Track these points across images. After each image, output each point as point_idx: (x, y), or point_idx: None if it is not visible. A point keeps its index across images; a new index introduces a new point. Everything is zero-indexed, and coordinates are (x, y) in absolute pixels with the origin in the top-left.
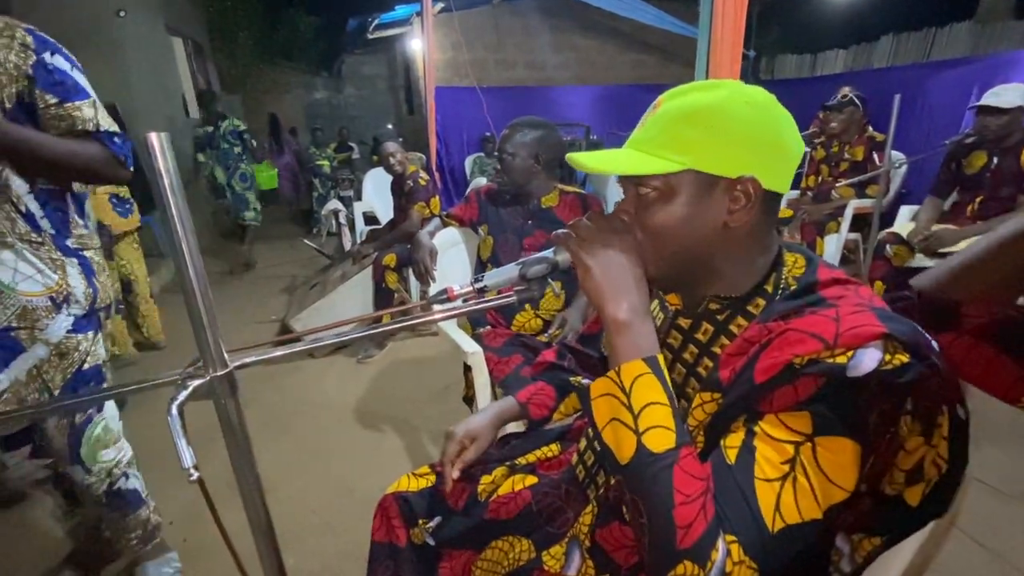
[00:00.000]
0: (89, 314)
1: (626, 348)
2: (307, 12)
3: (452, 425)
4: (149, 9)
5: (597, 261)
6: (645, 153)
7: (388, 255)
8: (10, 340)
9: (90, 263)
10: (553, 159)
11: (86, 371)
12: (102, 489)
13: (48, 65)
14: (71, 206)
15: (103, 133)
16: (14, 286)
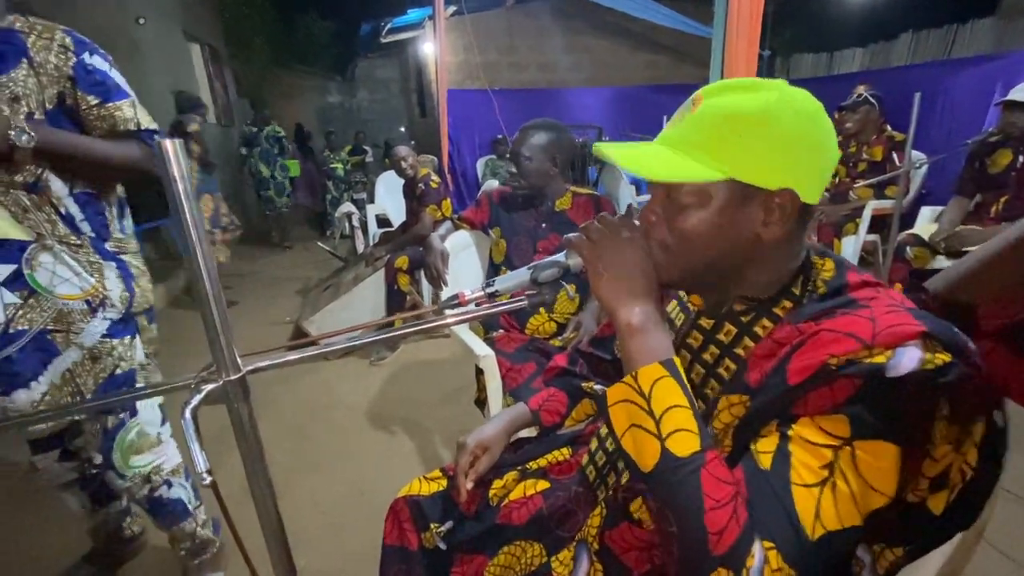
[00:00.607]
0: (126, 318)
1: (641, 352)
2: (321, 17)
3: (463, 433)
4: (167, 16)
5: (608, 265)
6: (681, 154)
7: (400, 258)
8: (46, 342)
9: (128, 267)
10: (567, 161)
11: (118, 376)
12: (142, 494)
13: (88, 66)
14: (111, 209)
15: (144, 132)
16: (52, 289)
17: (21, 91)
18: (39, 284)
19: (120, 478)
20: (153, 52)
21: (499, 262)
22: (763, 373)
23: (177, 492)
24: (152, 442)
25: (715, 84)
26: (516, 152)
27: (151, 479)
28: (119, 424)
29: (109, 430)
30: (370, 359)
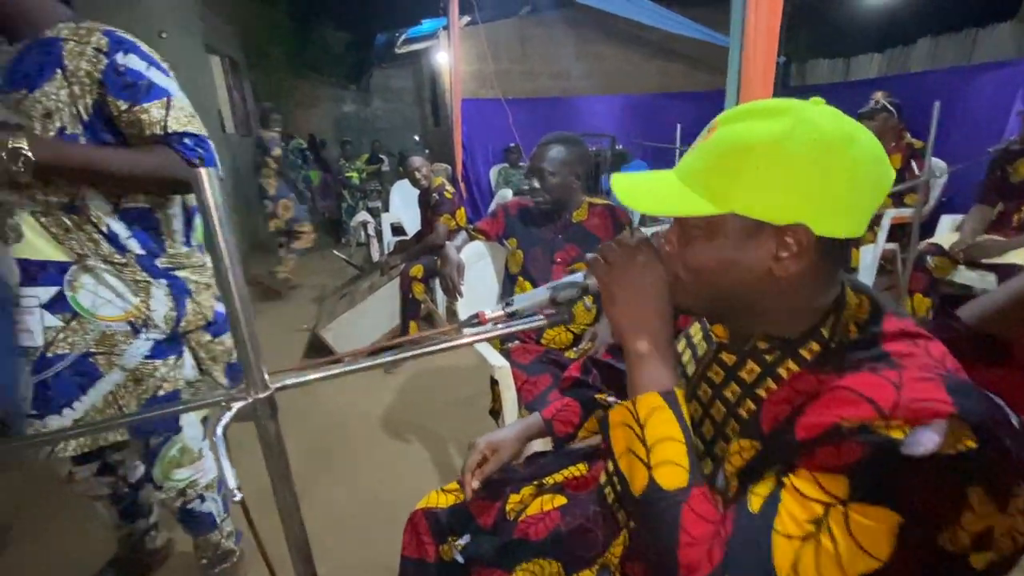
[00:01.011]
0: (171, 339)
1: (644, 380)
2: (337, 28)
3: (477, 437)
4: (189, 29)
5: (622, 289)
6: (689, 187)
7: (415, 267)
8: (88, 365)
9: (183, 283)
10: (588, 174)
11: (161, 398)
12: (176, 505)
13: (119, 67)
14: (171, 222)
15: (172, 135)
16: (94, 311)
17: (54, 105)
18: (81, 306)
19: (157, 489)
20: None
21: (515, 273)
22: (775, 420)
23: (208, 506)
24: (193, 457)
25: (734, 109)
26: (537, 168)
27: (186, 492)
28: (163, 441)
29: (152, 447)
30: (385, 366)
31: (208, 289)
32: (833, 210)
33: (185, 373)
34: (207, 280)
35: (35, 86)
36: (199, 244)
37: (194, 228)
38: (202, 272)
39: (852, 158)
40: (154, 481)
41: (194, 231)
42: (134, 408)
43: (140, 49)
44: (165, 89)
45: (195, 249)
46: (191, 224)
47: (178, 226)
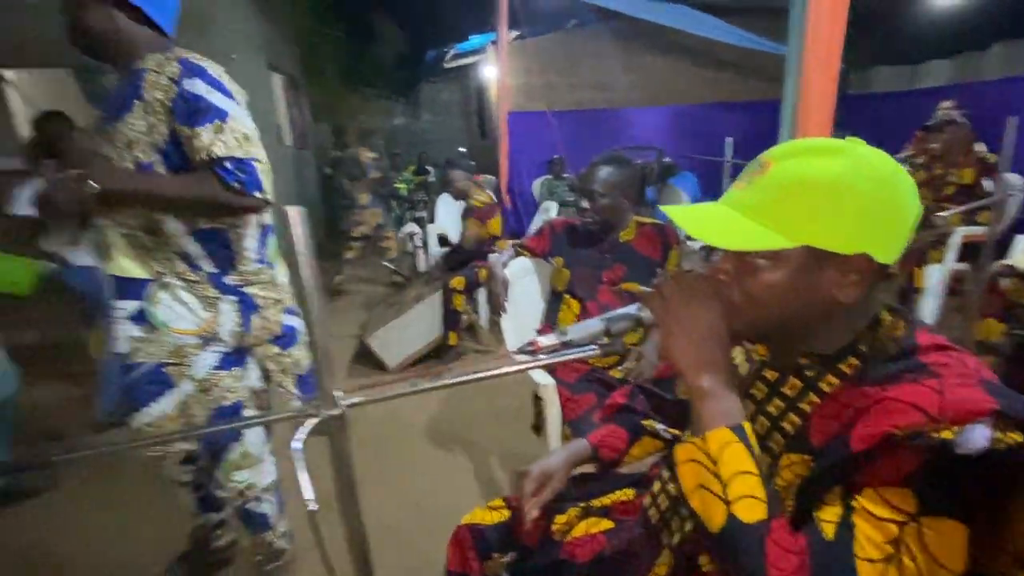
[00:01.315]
0: (236, 351)
1: (712, 415)
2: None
3: (518, 455)
4: (255, 51)
5: (681, 325)
6: (752, 220)
7: (456, 278)
8: (163, 375)
9: (251, 299)
10: (638, 194)
11: (226, 407)
12: (236, 504)
13: (185, 93)
14: (245, 240)
15: (215, 160)
16: (168, 324)
17: (134, 135)
18: (158, 320)
19: (219, 488)
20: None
21: (561, 290)
22: (826, 435)
23: (265, 507)
24: (254, 460)
25: (784, 146)
26: (587, 190)
27: (245, 493)
28: (227, 444)
29: (217, 450)
30: (428, 375)
31: (276, 304)
32: (889, 239)
33: (250, 383)
34: (275, 296)
35: (119, 116)
36: (270, 261)
37: (267, 245)
38: (270, 288)
39: (902, 191)
40: (218, 480)
41: (267, 248)
42: (202, 416)
43: (207, 73)
44: (222, 111)
45: (265, 266)
46: (265, 241)
47: (251, 244)
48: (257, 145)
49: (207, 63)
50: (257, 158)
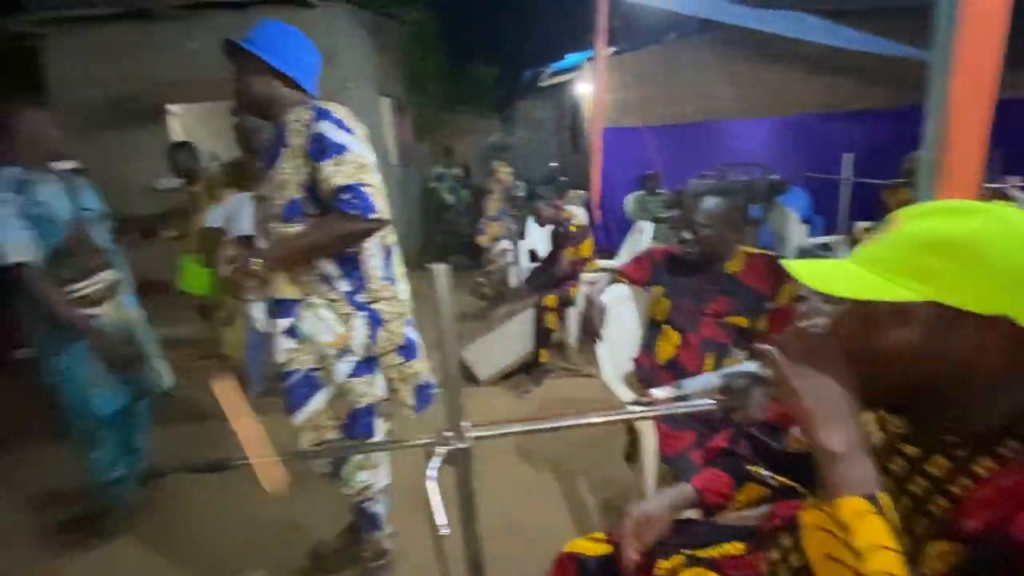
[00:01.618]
0: (366, 360)
1: (843, 481)
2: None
3: (608, 481)
4: (368, 78)
5: (807, 385)
6: (877, 275)
7: (549, 297)
8: (314, 379)
9: (379, 314)
10: (745, 225)
11: (360, 409)
12: (354, 502)
13: (315, 135)
14: (372, 261)
15: (335, 190)
16: (313, 336)
17: (284, 178)
18: (304, 333)
19: (343, 485)
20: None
21: (660, 321)
22: (984, 523)
23: (378, 508)
24: (374, 464)
25: (916, 207)
26: (690, 220)
27: (364, 493)
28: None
29: None
30: (517, 391)
31: (399, 317)
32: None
33: (378, 389)
34: (398, 310)
35: (273, 163)
36: (394, 278)
37: (391, 264)
38: (394, 303)
39: None
40: (342, 477)
41: (390, 266)
42: (343, 415)
43: (331, 115)
44: (341, 146)
45: (390, 283)
46: (389, 260)
47: (376, 263)
48: (371, 172)
49: (333, 106)
50: (368, 183)
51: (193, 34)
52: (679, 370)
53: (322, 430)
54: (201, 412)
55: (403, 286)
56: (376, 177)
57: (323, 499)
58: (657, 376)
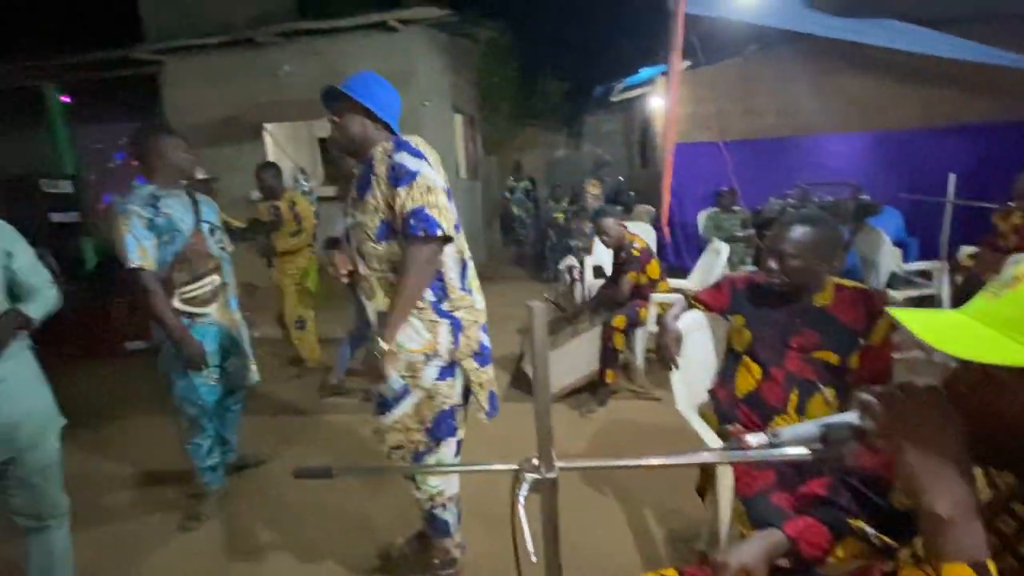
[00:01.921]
0: (450, 365)
1: (950, 547)
2: (558, 79)
3: (683, 520)
4: (442, 97)
5: (914, 443)
6: (997, 331)
7: (617, 317)
8: (402, 385)
9: (460, 322)
10: (837, 255)
11: (445, 411)
12: (424, 507)
13: (395, 164)
14: (449, 274)
15: (406, 215)
16: (404, 345)
17: (374, 205)
18: (398, 341)
19: (416, 489)
20: (430, 126)
21: (740, 351)
22: None
23: (447, 516)
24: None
25: None
26: (777, 249)
27: (433, 499)
28: (426, 451)
29: (419, 452)
30: (581, 411)
31: (475, 324)
32: None
33: (459, 392)
34: (474, 317)
35: (364, 193)
36: (469, 288)
37: (466, 276)
38: (471, 311)
39: None
40: (415, 481)
41: (466, 277)
42: (430, 417)
43: (408, 145)
44: (414, 172)
45: (467, 293)
46: (464, 272)
47: (454, 275)
48: (437, 193)
49: (410, 137)
50: (434, 204)
51: (288, 59)
52: (760, 405)
53: (409, 432)
54: (280, 407)
55: (478, 296)
56: (442, 198)
57: (398, 501)
58: (735, 409)
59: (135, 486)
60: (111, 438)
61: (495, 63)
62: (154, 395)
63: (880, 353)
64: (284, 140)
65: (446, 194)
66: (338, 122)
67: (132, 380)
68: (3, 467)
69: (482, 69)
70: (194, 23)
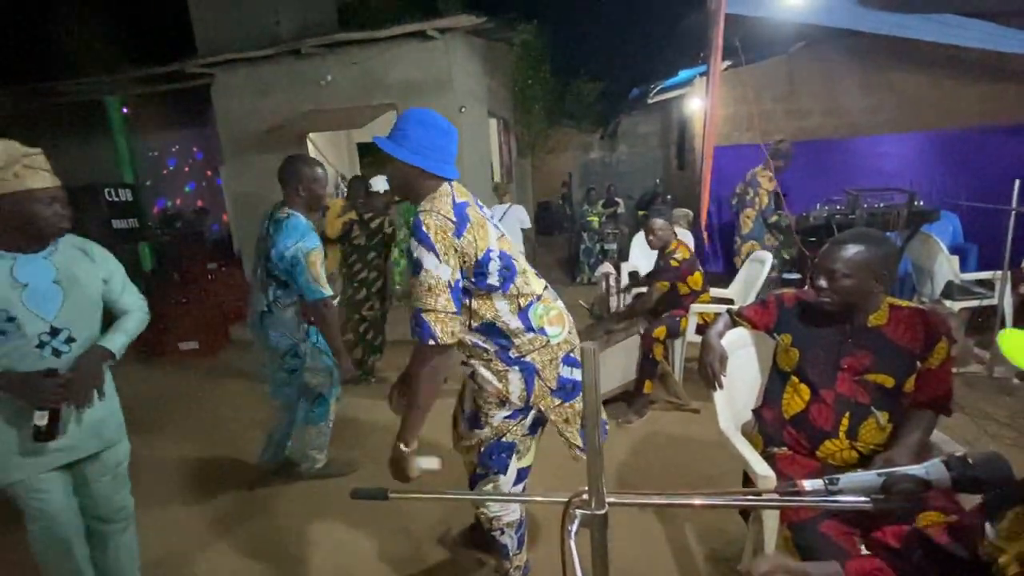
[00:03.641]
0: (523, 409)
1: None
2: (592, 79)
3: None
4: (479, 102)
5: None
6: None
7: (659, 328)
8: (477, 415)
9: (533, 366)
10: (894, 275)
11: (504, 443)
12: (485, 528)
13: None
14: (511, 324)
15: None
16: (481, 384)
17: None
18: (476, 382)
19: (476, 509)
20: (467, 131)
21: (787, 371)
22: None
23: (506, 540)
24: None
25: None
26: (829, 268)
27: (492, 523)
28: (483, 475)
29: (476, 474)
30: (618, 420)
31: (552, 363)
32: None
33: (522, 430)
34: (551, 355)
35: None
36: (540, 327)
37: (531, 317)
38: (544, 351)
39: None
40: (475, 503)
41: (531, 319)
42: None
43: (420, 229)
44: (419, 264)
45: (537, 333)
46: (527, 314)
47: (516, 323)
48: (436, 293)
49: (443, 195)
50: (429, 308)
51: (330, 69)
52: (809, 427)
53: (470, 452)
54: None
55: (554, 329)
56: (441, 300)
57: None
58: (782, 431)
59: (192, 479)
60: (169, 432)
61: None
62: (206, 392)
63: (939, 376)
64: (324, 146)
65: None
66: (391, 167)
67: (186, 378)
68: (77, 467)
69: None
70: (243, 37)
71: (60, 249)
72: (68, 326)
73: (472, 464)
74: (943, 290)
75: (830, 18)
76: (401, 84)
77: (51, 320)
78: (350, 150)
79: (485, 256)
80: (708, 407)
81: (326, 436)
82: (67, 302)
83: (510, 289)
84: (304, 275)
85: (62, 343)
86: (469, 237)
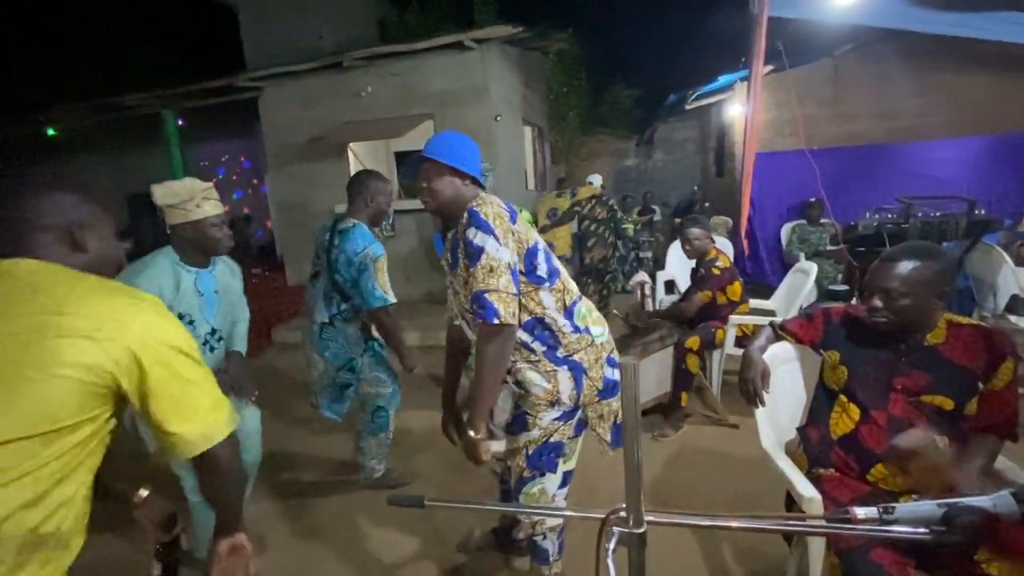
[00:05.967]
0: (572, 410)
1: None
2: (628, 85)
3: (765, 562)
4: (513, 111)
5: None
6: None
7: (691, 338)
8: (523, 419)
9: (581, 365)
10: (950, 289)
11: (551, 444)
12: (528, 532)
13: (467, 240)
14: (556, 320)
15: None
16: (528, 388)
17: (464, 277)
18: (522, 386)
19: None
20: (502, 138)
21: (835, 389)
22: None
23: (546, 544)
24: (547, 500)
25: None
26: (883, 287)
27: (535, 527)
28: (530, 478)
29: (522, 478)
30: (652, 434)
31: (598, 362)
32: None
33: (571, 431)
34: (597, 355)
35: (456, 261)
36: (585, 327)
37: (575, 316)
38: (591, 350)
39: None
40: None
41: (576, 318)
42: (534, 448)
43: (478, 216)
44: (479, 249)
45: (583, 333)
46: (572, 313)
47: (562, 321)
48: (499, 274)
49: (489, 200)
50: (492, 288)
51: (371, 81)
52: (859, 449)
53: (516, 455)
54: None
55: (597, 330)
56: (504, 280)
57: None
58: (829, 452)
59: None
60: None
61: (565, 74)
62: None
63: (1004, 398)
64: (364, 156)
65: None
66: (427, 187)
67: None
68: None
69: (552, 80)
70: (289, 52)
71: (218, 264)
72: (220, 327)
73: (519, 468)
74: (1007, 304)
75: (881, 18)
76: (438, 94)
77: (212, 323)
78: (389, 159)
79: (534, 246)
80: (747, 422)
81: (386, 447)
82: (221, 307)
83: (556, 283)
84: (371, 280)
85: (216, 341)
86: (520, 227)
